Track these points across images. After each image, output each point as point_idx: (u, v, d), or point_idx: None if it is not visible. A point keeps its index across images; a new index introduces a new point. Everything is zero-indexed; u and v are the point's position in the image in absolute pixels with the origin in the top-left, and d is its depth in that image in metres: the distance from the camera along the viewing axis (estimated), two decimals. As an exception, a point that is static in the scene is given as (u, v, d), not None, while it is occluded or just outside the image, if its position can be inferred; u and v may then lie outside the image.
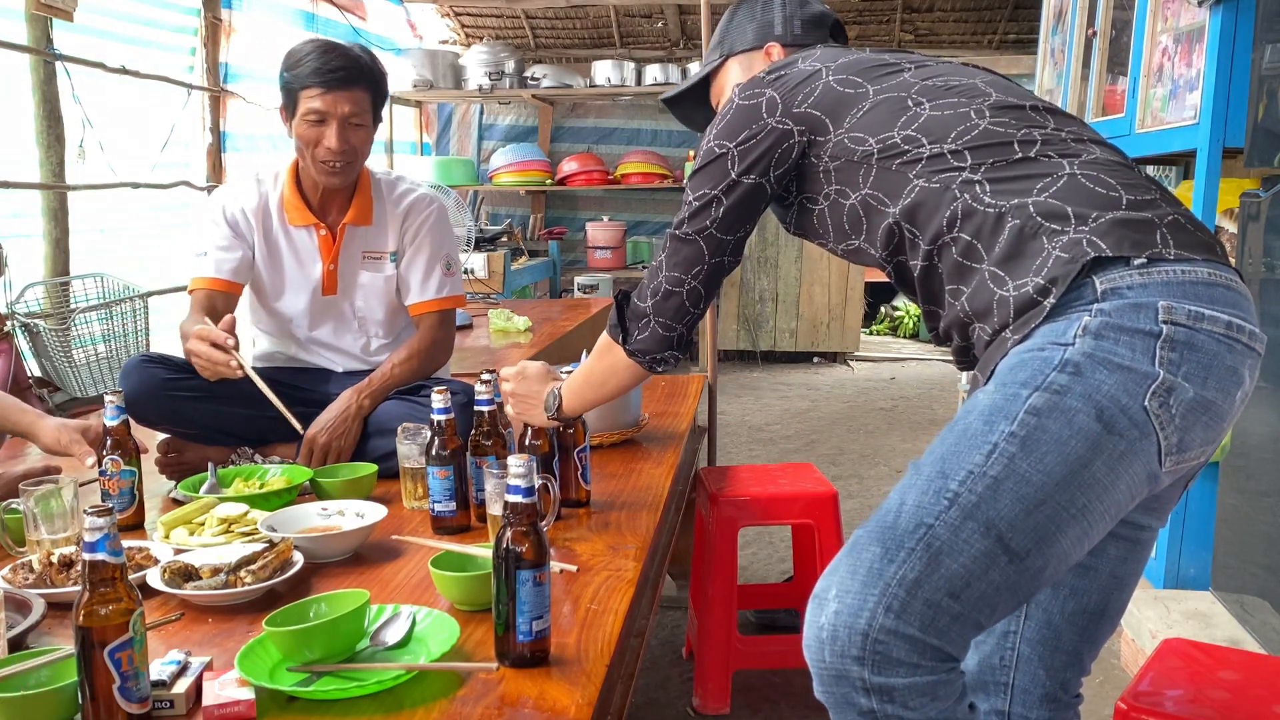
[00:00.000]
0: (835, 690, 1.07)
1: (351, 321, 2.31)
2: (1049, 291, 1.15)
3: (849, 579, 1.07)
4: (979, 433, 1.09)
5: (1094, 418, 1.07)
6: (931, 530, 1.05)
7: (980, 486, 1.06)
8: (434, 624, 1.26)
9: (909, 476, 1.14)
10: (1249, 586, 2.39)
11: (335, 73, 2.06)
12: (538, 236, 7.12)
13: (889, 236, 1.33)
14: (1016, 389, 1.10)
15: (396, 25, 6.99)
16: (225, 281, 2.20)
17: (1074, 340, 1.10)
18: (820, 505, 2.37)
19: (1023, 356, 1.14)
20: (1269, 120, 2.34)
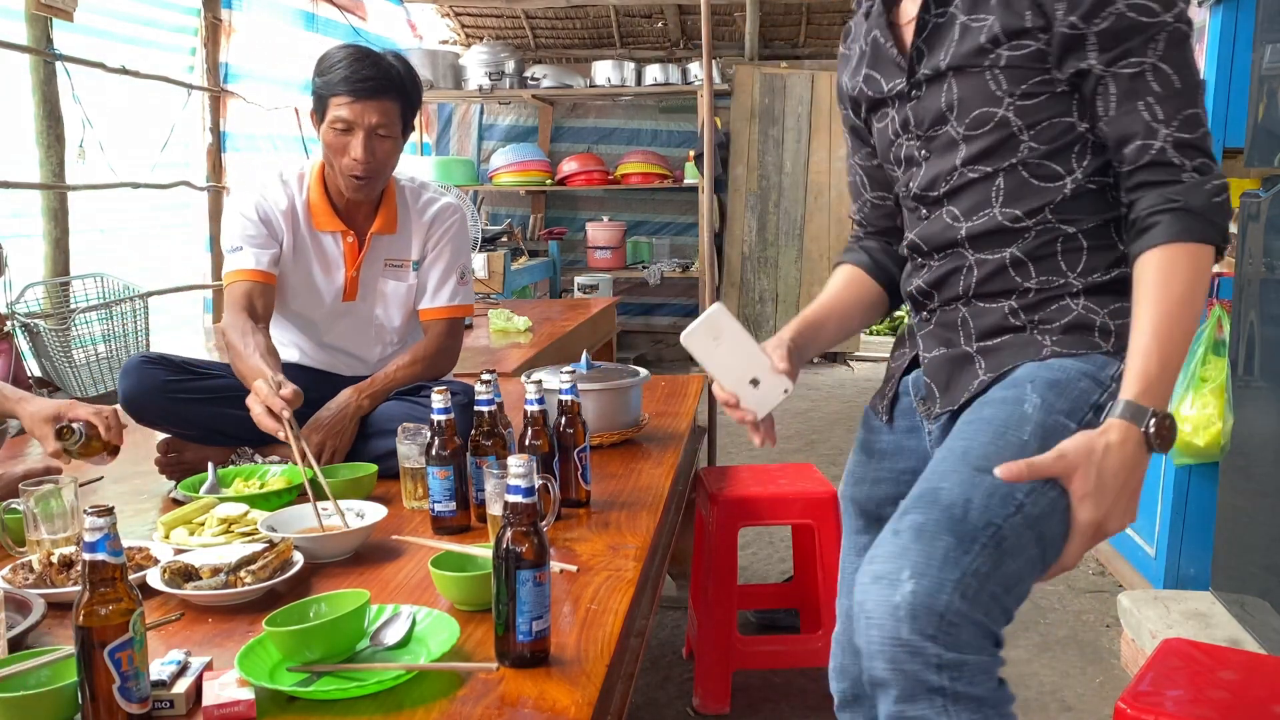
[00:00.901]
0: (907, 666, 1.11)
1: (369, 328, 2.31)
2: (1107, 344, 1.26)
3: (924, 563, 1.12)
4: (1036, 450, 1.17)
5: None
6: (1000, 531, 1.14)
7: (1043, 502, 1.15)
8: (434, 624, 1.26)
9: (963, 469, 1.18)
10: (1249, 586, 2.39)
11: (364, 82, 2.04)
12: (538, 236, 7.12)
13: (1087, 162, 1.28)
14: (1064, 419, 1.20)
15: (396, 25, 7.00)
16: (264, 273, 2.16)
17: (1110, 385, 1.23)
18: (820, 505, 2.37)
19: (1061, 376, 1.23)
20: (1269, 120, 2.34)
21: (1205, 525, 2.65)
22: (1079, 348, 1.26)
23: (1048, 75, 1.25)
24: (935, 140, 1.34)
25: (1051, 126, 1.26)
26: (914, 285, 1.42)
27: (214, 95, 4.85)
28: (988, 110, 1.28)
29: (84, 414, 1.77)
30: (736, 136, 6.78)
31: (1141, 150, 1.20)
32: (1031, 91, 1.25)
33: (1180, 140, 1.18)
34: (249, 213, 2.18)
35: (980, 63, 1.27)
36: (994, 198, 1.29)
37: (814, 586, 2.43)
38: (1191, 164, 1.18)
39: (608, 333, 5.21)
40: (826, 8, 7.18)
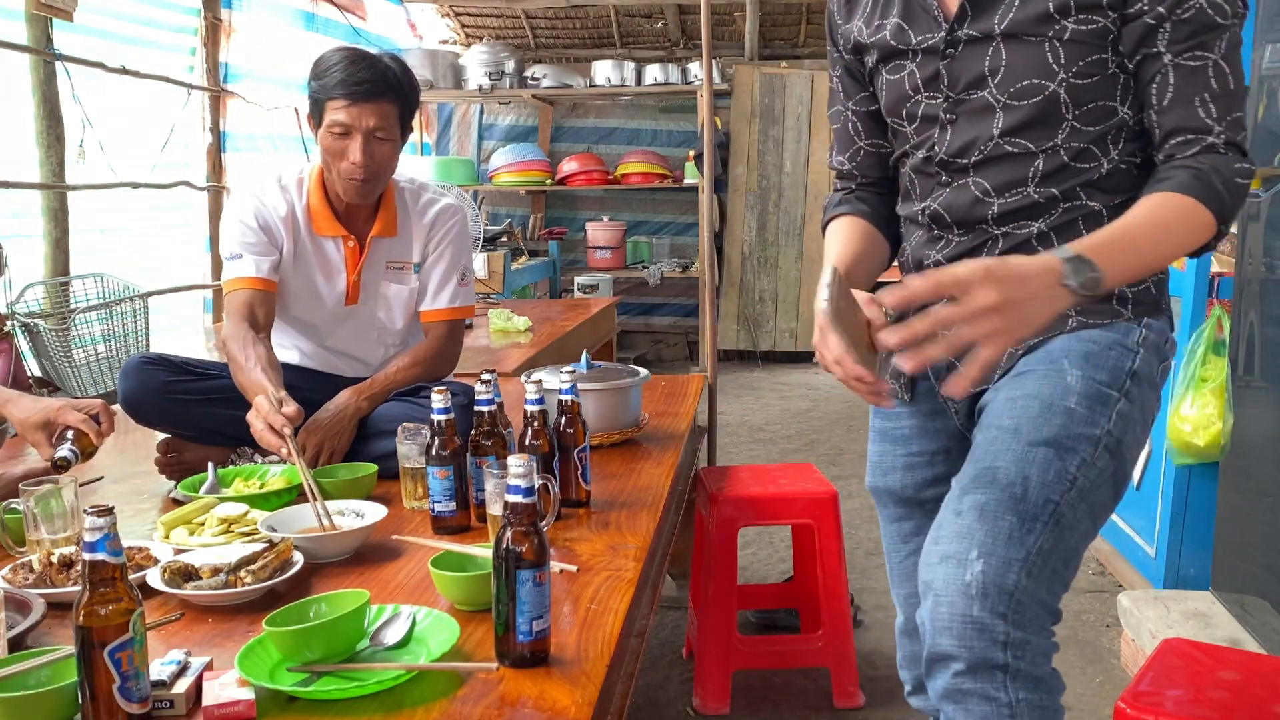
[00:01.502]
0: (975, 642, 1.14)
1: (370, 331, 2.30)
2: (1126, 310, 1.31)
3: (991, 543, 1.15)
4: (1084, 421, 1.21)
5: (1143, 428, 1.27)
6: (1058, 508, 1.17)
7: (1092, 475, 1.20)
8: (434, 624, 1.26)
9: (1016, 445, 1.20)
10: (1249, 586, 2.39)
11: (361, 85, 2.02)
12: (538, 236, 7.12)
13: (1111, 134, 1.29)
14: (1106, 388, 1.23)
15: (396, 25, 7.00)
16: (264, 280, 2.16)
17: (1138, 350, 1.27)
18: (820, 505, 2.37)
19: (1092, 347, 1.26)
20: (1269, 120, 2.34)
21: (1205, 525, 2.64)
22: (1102, 317, 1.29)
23: (1105, 55, 1.24)
24: (966, 104, 1.30)
25: (1097, 109, 1.26)
26: (932, 259, 1.39)
27: (214, 95, 4.85)
28: (1038, 83, 1.25)
29: (73, 420, 1.75)
30: (736, 136, 6.78)
31: (1189, 144, 1.22)
32: (1086, 70, 1.24)
33: (1229, 140, 1.22)
34: (248, 219, 2.17)
35: (1042, 31, 1.24)
36: (1030, 178, 1.28)
37: (814, 586, 2.43)
38: (1236, 158, 1.23)
39: (608, 333, 5.21)
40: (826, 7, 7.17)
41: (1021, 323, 1.08)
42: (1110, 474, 1.21)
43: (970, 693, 1.14)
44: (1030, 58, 1.25)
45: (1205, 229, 1.20)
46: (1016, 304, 1.07)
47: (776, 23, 7.36)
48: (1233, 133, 1.23)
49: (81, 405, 1.79)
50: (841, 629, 2.35)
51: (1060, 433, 1.20)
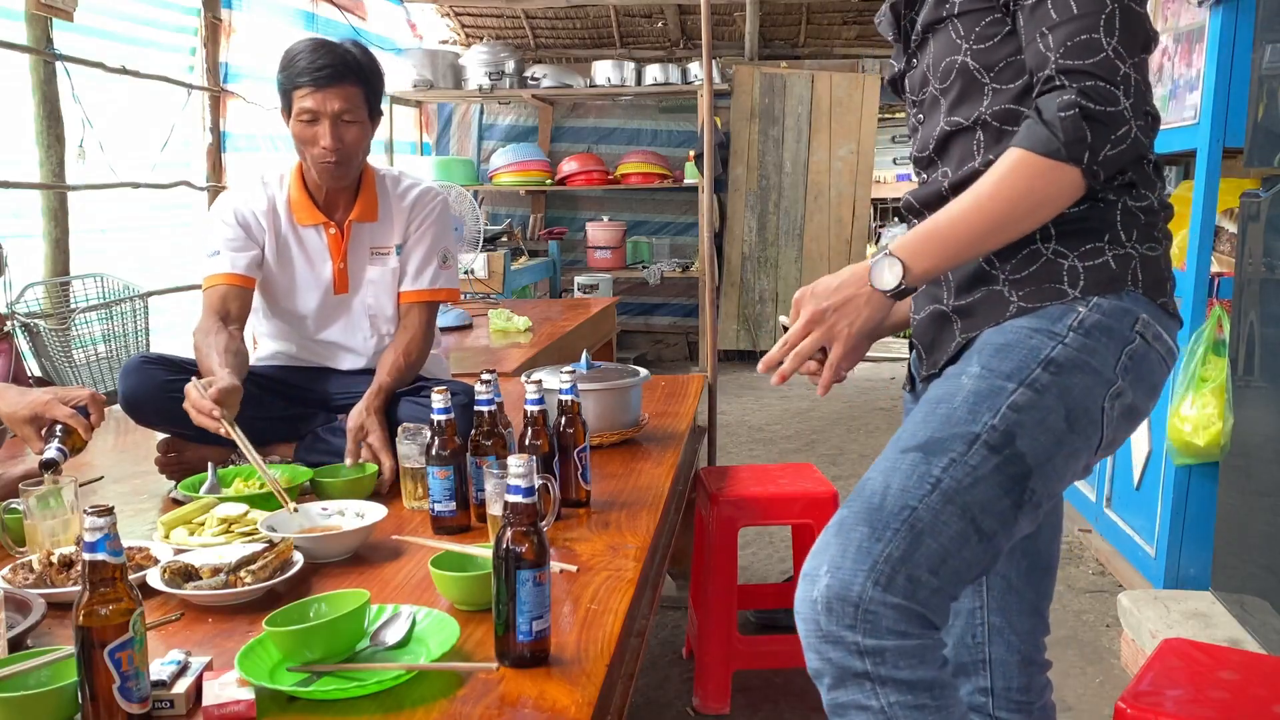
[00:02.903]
0: (832, 655, 1.14)
1: (363, 320, 2.31)
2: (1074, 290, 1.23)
3: (840, 557, 1.15)
4: (963, 420, 1.18)
5: (1063, 418, 1.19)
6: (915, 513, 1.15)
7: (960, 473, 1.16)
8: (434, 624, 1.26)
9: (892, 454, 1.21)
10: (1249, 586, 2.39)
11: (322, 70, 2.07)
12: (538, 236, 7.12)
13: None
14: (1002, 381, 1.19)
15: (396, 25, 6.99)
16: (240, 276, 2.19)
17: (1066, 335, 1.20)
18: (820, 505, 2.37)
19: (1011, 338, 1.22)
20: (1269, 120, 2.34)
21: (1205, 525, 2.65)
22: (1042, 299, 1.23)
23: (997, 14, 1.25)
24: (924, 103, 1.35)
25: (1010, 66, 1.25)
26: None
27: (214, 95, 4.85)
28: (951, 59, 1.28)
29: (61, 415, 1.73)
30: (736, 136, 6.78)
31: (1037, 81, 1.19)
32: (986, 34, 1.26)
33: (1065, 66, 1.15)
34: (227, 218, 2.22)
35: (941, 15, 1.29)
36: (975, 149, 1.29)
37: (814, 586, 2.42)
38: (1077, 86, 1.14)
39: (608, 333, 5.21)
40: (826, 8, 7.18)
41: (844, 324, 1.23)
42: (993, 470, 1.15)
43: (845, 705, 1.15)
44: (942, 41, 1.29)
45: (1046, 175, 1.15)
46: (833, 310, 1.23)
47: (776, 23, 7.36)
48: (1072, 57, 1.15)
49: (69, 397, 1.76)
50: (841, 629, 2.35)
51: (933, 435, 1.18)
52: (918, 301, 1.40)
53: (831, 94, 6.72)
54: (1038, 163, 1.15)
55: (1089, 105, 1.13)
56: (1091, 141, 1.13)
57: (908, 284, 1.20)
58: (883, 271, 1.20)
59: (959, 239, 1.19)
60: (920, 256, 1.19)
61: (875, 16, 1.49)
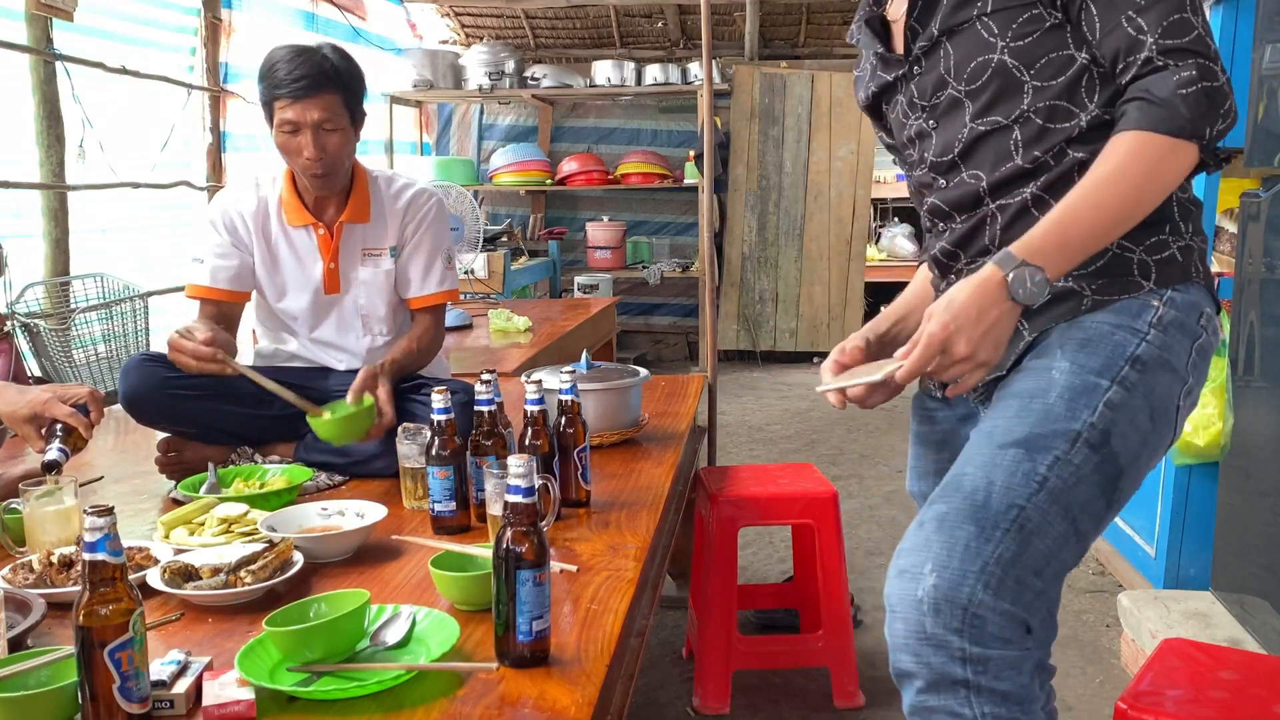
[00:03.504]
0: (932, 660, 1.12)
1: (355, 320, 2.31)
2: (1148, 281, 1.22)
3: (946, 556, 1.12)
4: (1062, 416, 1.16)
5: (1149, 417, 1.19)
6: (1024, 512, 1.13)
7: (1066, 473, 1.15)
8: (434, 624, 1.26)
9: (987, 449, 1.18)
10: (1249, 586, 2.39)
11: (299, 82, 2.06)
12: (538, 236, 7.12)
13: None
14: (1094, 378, 1.18)
15: (396, 25, 6.99)
16: (223, 291, 2.22)
17: (1148, 331, 1.20)
18: (820, 505, 2.37)
19: (1093, 333, 1.21)
20: (1269, 120, 2.34)
21: (1205, 525, 2.65)
22: (1119, 291, 1.22)
23: (1035, 10, 1.23)
24: (939, 107, 1.32)
25: (1051, 63, 1.24)
26: (938, 248, 1.38)
27: (214, 95, 4.85)
28: (984, 59, 1.26)
29: (61, 414, 1.73)
30: (736, 136, 6.78)
31: (1130, 65, 1.17)
32: (1024, 31, 1.24)
33: (1166, 46, 1.14)
34: (215, 221, 2.25)
35: (968, 16, 1.26)
36: (1013, 149, 1.26)
37: (814, 586, 2.43)
38: (1181, 65, 1.14)
39: (608, 333, 5.21)
40: (826, 7, 7.18)
41: (991, 350, 1.15)
42: (1093, 470, 1.14)
43: (934, 709, 1.12)
44: (970, 42, 1.26)
45: (1171, 154, 1.14)
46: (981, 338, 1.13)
47: (776, 23, 7.36)
48: (1171, 37, 1.14)
49: (68, 395, 1.76)
50: (841, 629, 2.35)
51: (1033, 430, 1.16)
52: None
53: (831, 94, 6.72)
54: (1162, 142, 1.13)
55: (1206, 83, 1.12)
56: (1211, 117, 1.13)
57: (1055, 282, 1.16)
58: (1025, 283, 1.13)
59: (1094, 230, 1.15)
60: (1058, 258, 1.14)
61: (848, 34, 1.47)
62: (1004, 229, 1.28)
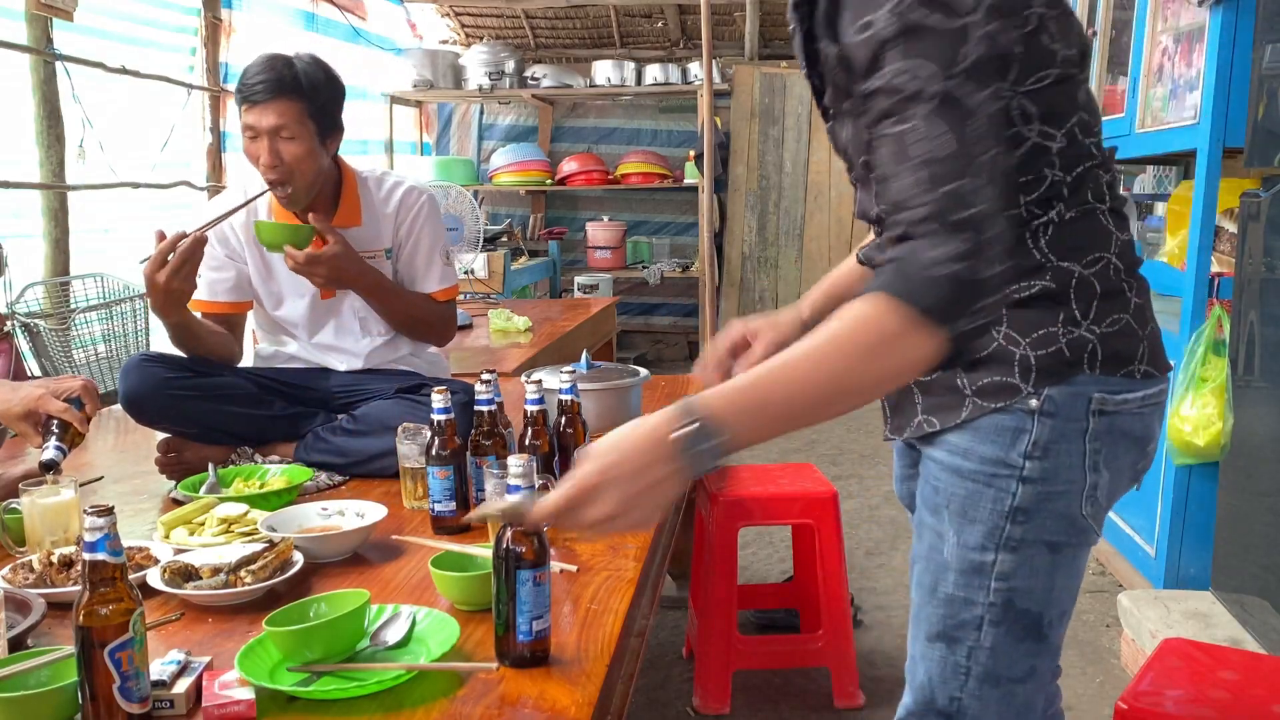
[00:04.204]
0: None
1: (353, 323, 2.31)
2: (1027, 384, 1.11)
3: None
4: (961, 604, 1.18)
5: (1048, 551, 1.15)
6: (962, 702, 1.20)
7: (983, 656, 1.18)
8: (434, 624, 1.26)
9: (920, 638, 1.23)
10: (1249, 586, 2.39)
11: (255, 88, 2.06)
12: (538, 236, 7.12)
13: None
14: (978, 555, 1.15)
15: (396, 25, 6.99)
16: (222, 304, 2.23)
17: (1023, 465, 1.12)
18: (820, 505, 2.37)
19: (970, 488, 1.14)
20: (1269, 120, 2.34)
21: (1205, 525, 2.65)
22: (995, 395, 1.12)
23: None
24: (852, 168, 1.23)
25: None
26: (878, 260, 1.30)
27: (214, 95, 4.85)
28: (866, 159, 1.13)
29: (55, 410, 1.72)
30: (736, 136, 6.78)
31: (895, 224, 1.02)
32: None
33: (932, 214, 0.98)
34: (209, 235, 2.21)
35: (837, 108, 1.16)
36: None
37: (814, 586, 2.43)
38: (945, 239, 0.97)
39: (608, 333, 5.21)
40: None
41: (645, 513, 0.97)
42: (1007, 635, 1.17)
43: None
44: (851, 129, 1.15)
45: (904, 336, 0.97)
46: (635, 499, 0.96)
47: (776, 23, 7.36)
48: (944, 205, 0.97)
49: (60, 389, 1.75)
50: (841, 629, 2.35)
51: (945, 623, 1.19)
52: None
53: (831, 94, 6.72)
54: (897, 319, 0.97)
55: (963, 265, 0.96)
56: (960, 307, 0.98)
57: (722, 461, 0.97)
58: (699, 450, 0.96)
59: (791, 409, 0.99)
60: (750, 425, 0.98)
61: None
62: None
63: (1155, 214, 3.68)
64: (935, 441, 1.19)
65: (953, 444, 1.16)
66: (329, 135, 2.17)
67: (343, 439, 2.08)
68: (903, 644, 2.44)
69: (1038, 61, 1.06)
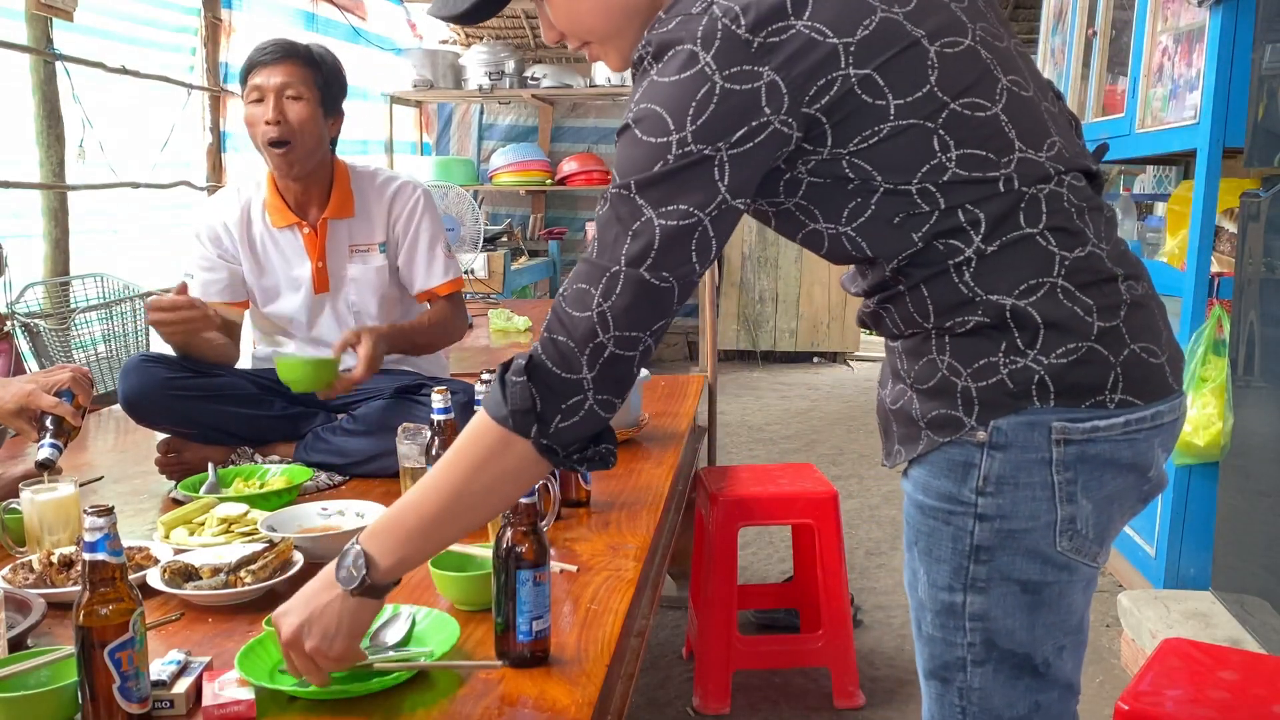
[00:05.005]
0: None
1: (348, 317, 2.31)
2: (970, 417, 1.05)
3: None
4: (943, 646, 1.15)
5: (1022, 591, 1.09)
6: None
7: (976, 697, 1.15)
8: (434, 624, 1.26)
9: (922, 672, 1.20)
10: (1249, 586, 2.39)
11: (267, 52, 2.12)
12: (538, 236, 7.12)
13: None
14: (947, 595, 1.12)
15: (396, 25, 6.99)
16: (216, 305, 2.22)
17: (975, 501, 1.07)
18: (820, 505, 2.37)
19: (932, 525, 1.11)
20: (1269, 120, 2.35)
21: (1205, 525, 2.65)
22: (943, 427, 1.07)
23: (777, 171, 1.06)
24: None
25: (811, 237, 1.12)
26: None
27: (214, 95, 4.85)
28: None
29: (47, 405, 1.71)
30: (736, 136, 6.77)
31: None
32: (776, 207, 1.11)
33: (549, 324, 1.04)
34: (201, 235, 2.26)
35: None
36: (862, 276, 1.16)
37: (814, 586, 2.43)
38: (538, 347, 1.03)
39: (608, 333, 5.20)
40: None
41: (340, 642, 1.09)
42: (994, 674, 1.13)
43: None
44: None
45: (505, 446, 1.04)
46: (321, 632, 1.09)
47: (776, 23, 7.36)
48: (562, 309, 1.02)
49: (50, 383, 1.73)
50: (841, 629, 2.35)
51: (934, 662, 1.18)
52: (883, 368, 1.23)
53: (831, 94, 6.72)
54: (493, 431, 1.04)
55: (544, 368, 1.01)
56: (536, 413, 1.01)
57: (375, 580, 1.07)
58: (346, 569, 1.08)
59: (424, 523, 1.08)
60: (386, 551, 1.08)
61: None
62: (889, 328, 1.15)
63: (1155, 214, 3.68)
64: (907, 473, 1.16)
65: (915, 478, 1.13)
66: (331, 114, 2.20)
67: (342, 439, 2.08)
68: (903, 644, 2.45)
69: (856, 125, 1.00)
